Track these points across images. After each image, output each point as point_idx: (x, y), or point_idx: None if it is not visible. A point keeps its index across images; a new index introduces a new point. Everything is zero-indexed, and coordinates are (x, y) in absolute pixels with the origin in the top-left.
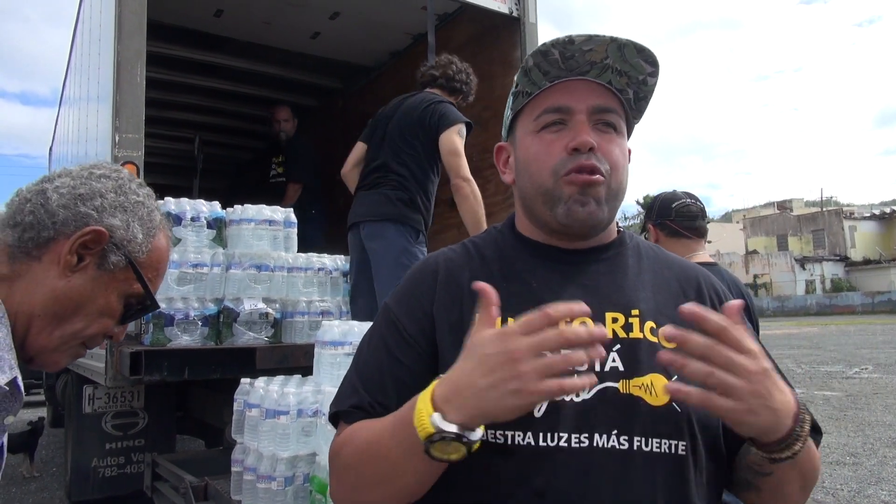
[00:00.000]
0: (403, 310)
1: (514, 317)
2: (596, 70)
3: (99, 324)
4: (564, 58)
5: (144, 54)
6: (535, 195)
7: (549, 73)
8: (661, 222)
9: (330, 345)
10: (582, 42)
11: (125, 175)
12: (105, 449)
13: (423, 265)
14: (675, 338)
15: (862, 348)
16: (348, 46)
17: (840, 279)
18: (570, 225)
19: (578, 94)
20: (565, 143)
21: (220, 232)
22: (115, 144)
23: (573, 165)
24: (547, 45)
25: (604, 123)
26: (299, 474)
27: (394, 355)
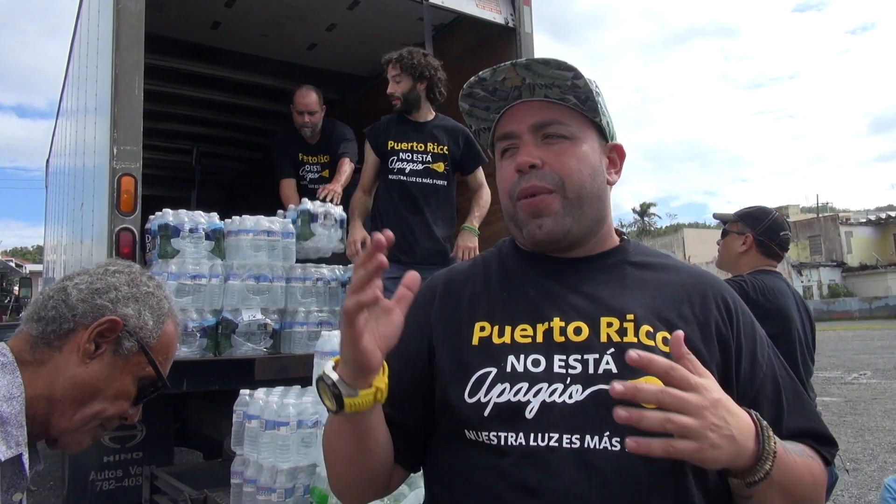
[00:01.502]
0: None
1: (510, 324)
2: (526, 91)
3: (116, 406)
4: (490, 92)
5: (142, 66)
6: (507, 218)
7: (490, 107)
8: (763, 240)
9: (329, 355)
10: (490, 75)
11: (136, 269)
12: (103, 462)
13: (428, 282)
14: (625, 393)
15: (860, 354)
16: (345, 57)
17: (837, 285)
18: (537, 244)
19: (519, 117)
20: (515, 166)
21: (219, 243)
22: (114, 156)
23: (518, 189)
24: (465, 87)
25: (551, 136)
26: (299, 486)
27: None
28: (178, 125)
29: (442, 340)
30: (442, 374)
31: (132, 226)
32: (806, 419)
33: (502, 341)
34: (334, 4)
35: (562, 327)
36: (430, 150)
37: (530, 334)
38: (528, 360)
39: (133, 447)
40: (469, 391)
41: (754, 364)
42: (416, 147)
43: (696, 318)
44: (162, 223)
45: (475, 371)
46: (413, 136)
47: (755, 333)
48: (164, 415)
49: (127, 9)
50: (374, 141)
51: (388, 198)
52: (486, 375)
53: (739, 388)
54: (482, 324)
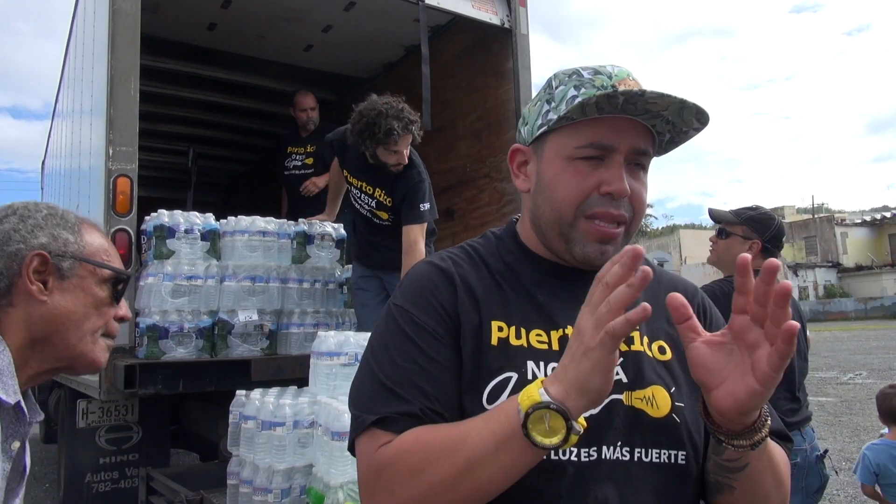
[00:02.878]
0: (424, 309)
1: (525, 327)
2: (648, 115)
3: (101, 314)
4: (626, 103)
5: (138, 68)
6: (551, 223)
7: (604, 110)
8: (768, 247)
9: (326, 355)
10: (651, 97)
11: (18, 204)
12: (99, 464)
13: (435, 269)
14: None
15: (856, 354)
16: (341, 59)
17: (833, 285)
18: (585, 264)
19: (623, 133)
20: (599, 181)
21: (214, 244)
22: (109, 157)
23: (602, 210)
24: (617, 91)
25: (636, 164)
26: (295, 486)
27: (432, 358)
28: (174, 126)
29: (467, 336)
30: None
31: (128, 227)
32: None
33: (520, 343)
34: (330, 6)
35: None
36: (376, 197)
37: (546, 340)
38: (548, 368)
39: (129, 449)
40: (488, 397)
41: None
42: (366, 188)
43: None
44: (157, 224)
45: (495, 375)
46: (364, 175)
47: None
48: (160, 416)
49: (123, 10)
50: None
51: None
52: (507, 381)
53: None
54: (499, 323)
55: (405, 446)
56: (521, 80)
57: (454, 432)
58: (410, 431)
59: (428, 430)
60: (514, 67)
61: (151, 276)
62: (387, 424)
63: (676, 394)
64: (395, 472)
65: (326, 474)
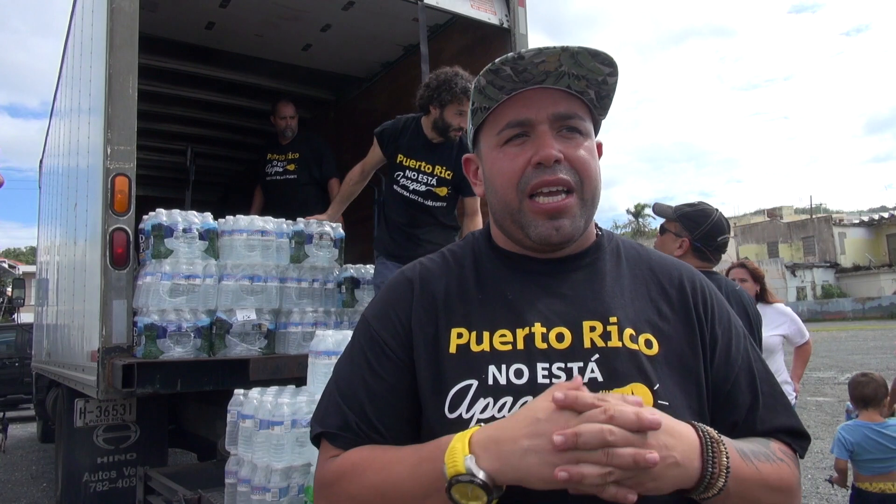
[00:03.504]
0: (382, 323)
1: (488, 330)
2: (552, 78)
3: None
4: (517, 72)
5: (136, 66)
6: (502, 213)
7: (504, 87)
8: (699, 246)
9: (324, 355)
10: (532, 56)
11: None
12: (96, 463)
13: (401, 276)
14: (564, 443)
15: (854, 354)
16: (340, 58)
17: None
18: (546, 244)
19: (538, 104)
20: (528, 156)
21: (213, 243)
22: (108, 156)
23: (537, 181)
24: (496, 63)
25: (568, 129)
26: (294, 485)
27: (375, 371)
28: (171, 125)
29: (421, 347)
30: (421, 386)
31: (126, 226)
32: (781, 414)
33: (481, 349)
34: (329, 5)
35: (543, 333)
36: (436, 174)
37: (510, 340)
38: (510, 370)
39: (127, 448)
40: (449, 405)
41: (728, 357)
42: (424, 168)
43: (677, 314)
44: (156, 223)
45: (454, 384)
46: (423, 154)
47: (731, 324)
48: (158, 416)
49: (121, 9)
50: (384, 146)
51: (393, 206)
52: (467, 389)
53: (712, 379)
54: (459, 330)
55: (343, 471)
56: None
57: (386, 470)
58: (349, 456)
59: (364, 458)
60: None
61: (149, 276)
62: (331, 438)
63: (660, 391)
64: (335, 492)
65: None
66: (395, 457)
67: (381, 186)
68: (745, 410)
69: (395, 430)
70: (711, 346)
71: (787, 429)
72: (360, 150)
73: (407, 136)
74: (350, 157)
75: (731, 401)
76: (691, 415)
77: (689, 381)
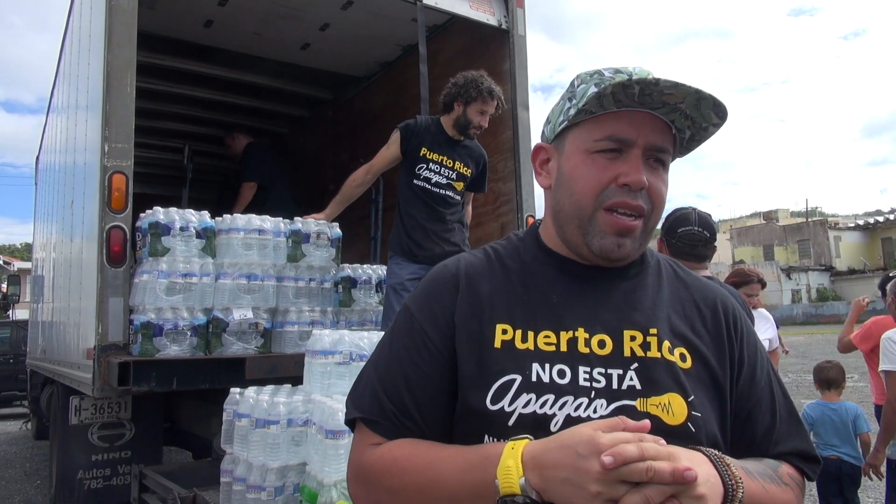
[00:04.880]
0: (426, 316)
1: (532, 329)
2: (666, 109)
3: None
4: (643, 94)
5: (135, 64)
6: (570, 216)
7: (621, 101)
8: (667, 239)
9: (321, 354)
10: (666, 86)
11: None
12: (91, 461)
13: (445, 270)
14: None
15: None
16: (338, 57)
17: (825, 289)
18: (602, 258)
19: (641, 127)
20: (616, 174)
21: (210, 241)
22: (105, 154)
23: (619, 200)
24: (632, 80)
25: (655, 160)
26: (289, 484)
27: (415, 362)
28: (169, 123)
29: (464, 341)
30: (462, 377)
31: (123, 223)
32: (795, 438)
33: (526, 347)
34: (328, 4)
35: (586, 339)
36: (457, 169)
37: (554, 342)
38: (553, 370)
39: (122, 446)
40: (492, 398)
41: (754, 378)
42: (446, 162)
43: (709, 332)
44: (152, 221)
45: (499, 377)
46: (447, 150)
47: (757, 348)
48: (153, 414)
49: (120, 6)
50: (407, 140)
51: (413, 202)
52: (511, 383)
53: (736, 399)
54: (504, 326)
55: (385, 465)
56: (517, 80)
57: (431, 471)
58: (391, 449)
59: (407, 457)
60: (511, 68)
61: (146, 274)
62: (369, 424)
63: (695, 402)
64: (374, 483)
65: (320, 472)
66: (438, 456)
67: (378, 187)
68: (762, 431)
69: (430, 420)
70: (739, 366)
71: (799, 452)
72: (357, 149)
73: (431, 133)
74: (347, 156)
75: (752, 420)
76: (719, 429)
77: (717, 396)
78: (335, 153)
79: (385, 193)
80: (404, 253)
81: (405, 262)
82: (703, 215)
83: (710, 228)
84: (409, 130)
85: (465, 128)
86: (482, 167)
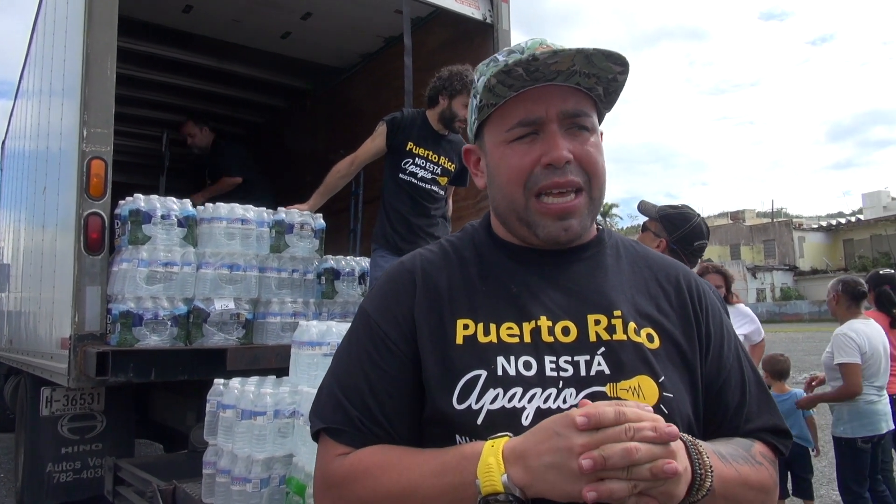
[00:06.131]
0: (383, 315)
1: (494, 322)
2: (563, 76)
3: None
4: (528, 72)
5: (115, 47)
6: (508, 210)
7: (514, 85)
8: (675, 248)
9: (308, 345)
10: (546, 57)
11: None
12: (60, 454)
13: (401, 268)
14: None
15: (810, 354)
16: (319, 47)
17: (789, 288)
18: (553, 243)
19: (547, 101)
20: (537, 156)
21: (191, 230)
22: (83, 139)
23: (547, 182)
24: (509, 63)
25: (577, 126)
26: (275, 476)
27: (377, 364)
28: (145, 111)
29: (426, 339)
30: (427, 378)
31: (102, 210)
32: (766, 414)
33: (489, 340)
34: None
35: (549, 327)
36: (441, 164)
37: (517, 333)
38: (518, 362)
39: (92, 438)
40: (458, 397)
41: (722, 354)
42: (432, 157)
43: (675, 310)
44: (133, 208)
45: (463, 374)
46: (432, 145)
47: (723, 324)
48: (125, 406)
49: None
50: (394, 134)
51: (397, 195)
52: (476, 379)
53: (705, 376)
54: (465, 321)
55: (356, 473)
56: None
57: (405, 477)
58: (360, 458)
59: (379, 465)
60: None
61: (125, 262)
62: (334, 434)
63: (665, 383)
64: (344, 493)
65: (308, 464)
66: (412, 462)
67: (358, 179)
68: (733, 408)
69: (397, 423)
70: (707, 342)
71: (771, 427)
72: (336, 141)
73: (417, 126)
74: (324, 147)
75: (721, 397)
76: (691, 408)
77: (688, 375)
78: (313, 144)
79: (365, 186)
80: (388, 246)
81: (389, 255)
82: (706, 224)
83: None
84: (396, 124)
85: (450, 121)
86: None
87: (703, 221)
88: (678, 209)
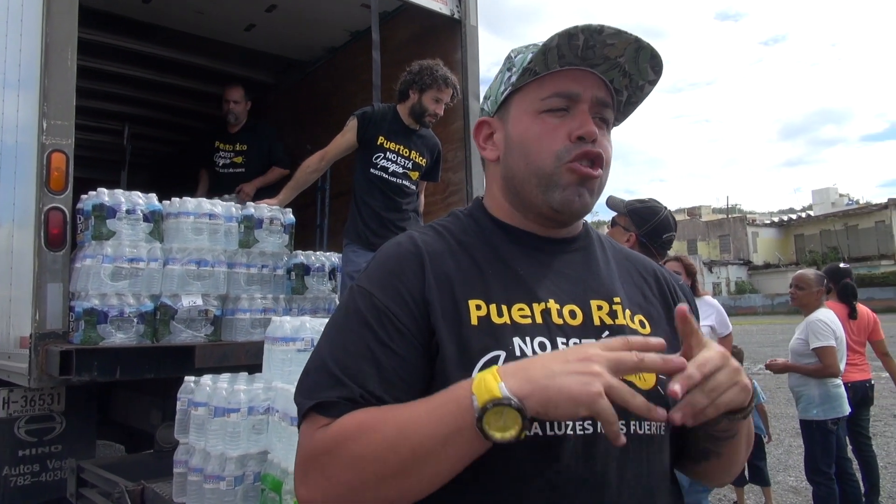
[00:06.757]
0: (388, 295)
1: (506, 303)
2: (605, 66)
3: None
4: (586, 46)
5: (76, 37)
6: (528, 177)
7: (565, 57)
8: (646, 241)
9: (281, 341)
10: (609, 34)
11: None
12: (17, 456)
13: (403, 249)
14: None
15: (764, 346)
16: (283, 40)
17: (744, 282)
18: (562, 212)
19: (586, 83)
20: (569, 129)
21: (157, 225)
22: (43, 132)
23: (579, 152)
24: (577, 28)
25: (600, 118)
26: (249, 473)
27: (384, 343)
28: (105, 103)
29: (439, 319)
30: (443, 359)
31: (63, 205)
32: None
33: (503, 321)
34: None
35: (558, 310)
36: (412, 158)
37: (528, 314)
38: (534, 342)
39: (51, 440)
40: None
41: None
42: (403, 151)
43: (657, 299)
44: (97, 203)
45: (481, 354)
46: (403, 139)
47: (696, 313)
48: (86, 406)
49: None
50: (364, 129)
51: (369, 190)
52: (495, 360)
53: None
54: (477, 301)
55: (346, 432)
56: (469, 71)
57: (398, 421)
58: (351, 416)
59: (371, 417)
60: (463, 58)
61: (89, 258)
62: (325, 409)
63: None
64: (334, 457)
65: (284, 460)
66: (405, 409)
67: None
68: None
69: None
70: None
71: None
72: (300, 136)
73: (388, 121)
74: (290, 141)
75: None
76: None
77: None
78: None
79: (332, 181)
80: (360, 241)
81: (361, 249)
82: (673, 217)
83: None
84: (367, 119)
85: (421, 116)
86: (436, 156)
87: (670, 214)
88: (646, 203)
